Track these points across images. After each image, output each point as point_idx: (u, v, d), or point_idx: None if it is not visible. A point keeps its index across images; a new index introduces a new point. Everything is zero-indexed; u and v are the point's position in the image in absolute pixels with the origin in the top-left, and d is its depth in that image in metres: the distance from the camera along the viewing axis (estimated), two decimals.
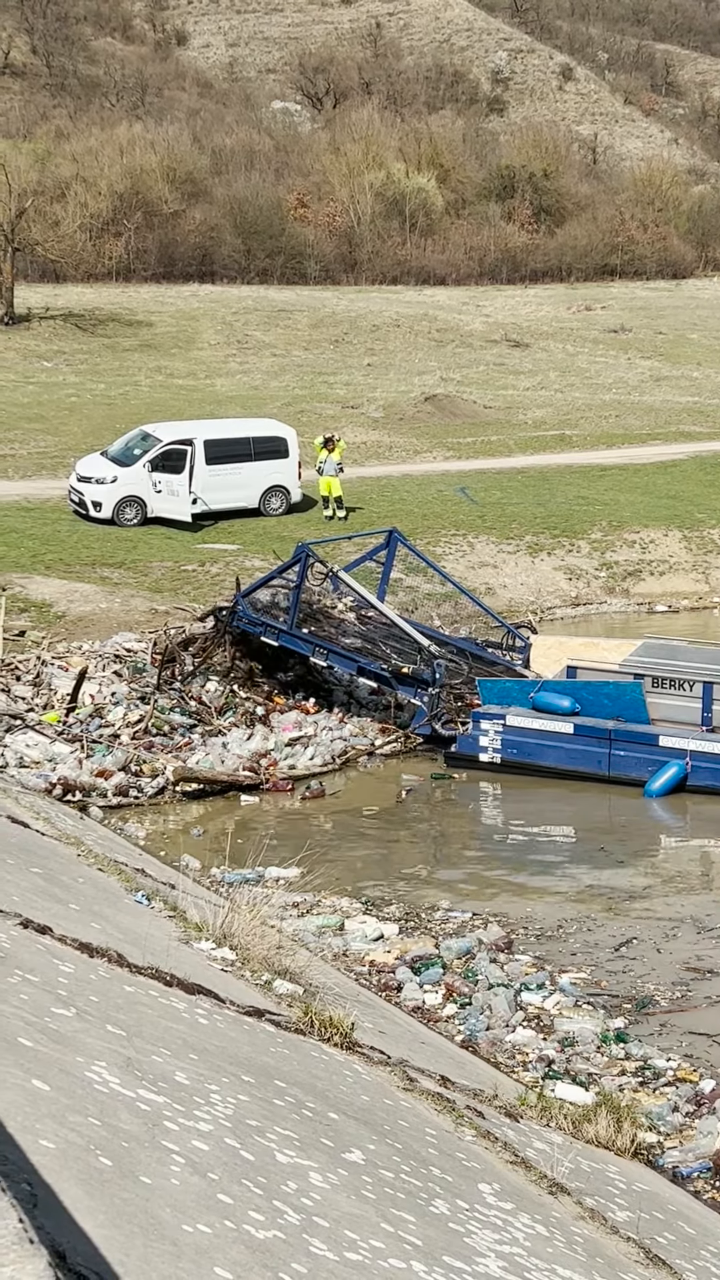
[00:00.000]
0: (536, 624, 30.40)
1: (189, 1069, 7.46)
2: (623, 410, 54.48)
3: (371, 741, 23.42)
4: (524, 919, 16.70)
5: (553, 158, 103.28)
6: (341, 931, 15.48)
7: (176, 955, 10.50)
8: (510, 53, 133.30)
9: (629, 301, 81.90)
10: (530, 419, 52.33)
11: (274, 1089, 7.85)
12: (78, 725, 22.22)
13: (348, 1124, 7.78)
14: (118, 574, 31.08)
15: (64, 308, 65.24)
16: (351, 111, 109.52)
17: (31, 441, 43.84)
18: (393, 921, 15.93)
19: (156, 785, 20.85)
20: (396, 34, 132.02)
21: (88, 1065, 6.62)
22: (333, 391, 54.99)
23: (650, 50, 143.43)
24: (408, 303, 76.28)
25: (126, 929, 11.00)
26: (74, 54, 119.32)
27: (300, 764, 22.21)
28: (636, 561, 37.04)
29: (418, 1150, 7.90)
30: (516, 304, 79.50)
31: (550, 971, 14.91)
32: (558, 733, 21.97)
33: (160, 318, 67.08)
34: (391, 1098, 8.99)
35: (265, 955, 11.36)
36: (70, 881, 12.34)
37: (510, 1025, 13.60)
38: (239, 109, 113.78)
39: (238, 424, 39.10)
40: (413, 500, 38.92)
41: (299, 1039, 9.55)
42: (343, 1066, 9.32)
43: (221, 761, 21.67)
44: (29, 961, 8.30)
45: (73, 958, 9.02)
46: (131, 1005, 8.39)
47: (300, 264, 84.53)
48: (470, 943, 15.38)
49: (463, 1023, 13.60)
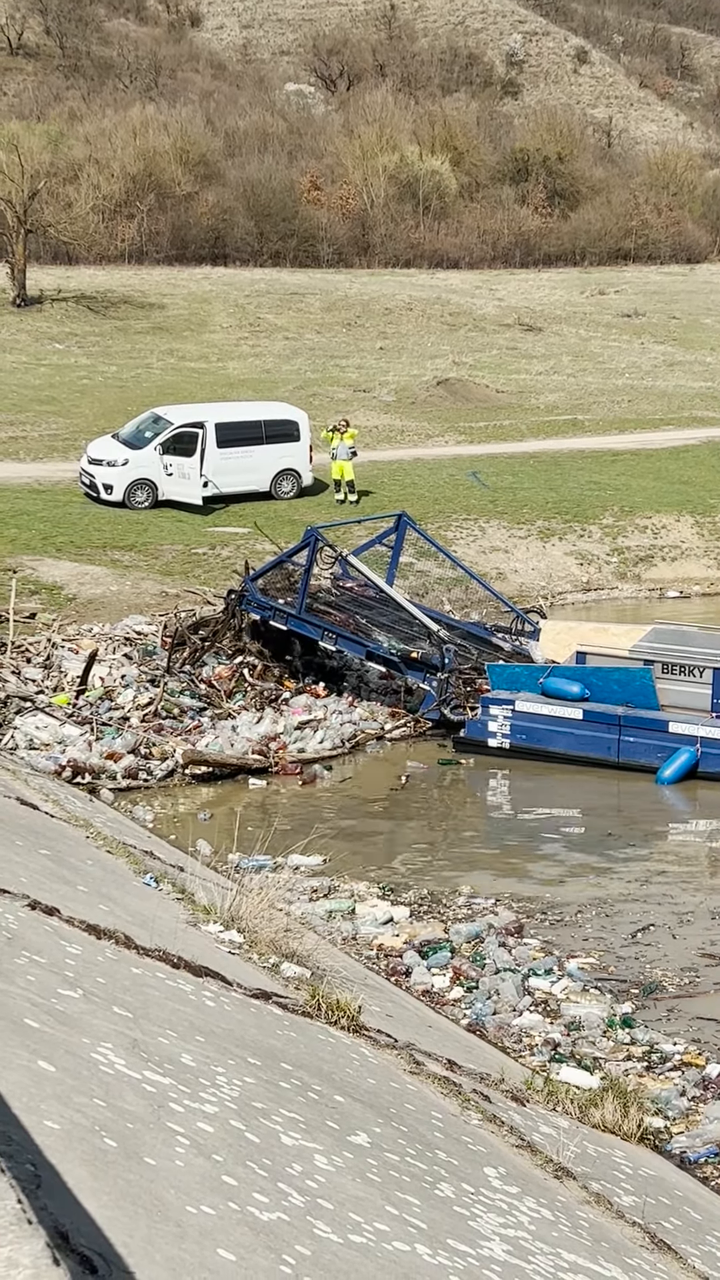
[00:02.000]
0: (547, 609, 30.36)
1: (195, 1051, 7.47)
2: (635, 395, 54.36)
3: (381, 726, 23.42)
4: (533, 904, 16.70)
5: (567, 141, 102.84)
6: (352, 915, 15.50)
7: (184, 937, 10.52)
8: (525, 35, 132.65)
9: (643, 286, 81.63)
10: (543, 403, 52.25)
11: (280, 1071, 7.86)
12: (87, 708, 22.24)
13: (354, 1107, 7.79)
14: (128, 557, 31.09)
15: (76, 290, 65.17)
16: (365, 94, 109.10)
17: (43, 423, 43.85)
18: (403, 905, 15.94)
19: (166, 768, 20.88)
20: (411, 16, 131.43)
21: (94, 1047, 6.63)
22: (345, 375, 54.92)
23: (666, 33, 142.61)
24: (420, 286, 76.08)
25: (135, 911, 11.01)
26: (87, 35, 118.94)
27: (310, 748, 22.22)
28: (648, 547, 36.99)
29: (424, 1134, 7.91)
30: (530, 288, 79.31)
31: (558, 957, 14.91)
32: (567, 718, 21.96)
33: (172, 300, 66.99)
34: (398, 1081, 9.00)
35: (273, 938, 11.37)
36: (78, 863, 12.36)
37: (517, 1010, 13.60)
38: (252, 91, 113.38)
39: (249, 407, 39.07)
40: (424, 484, 38.88)
41: (306, 1022, 9.57)
42: (349, 1049, 9.33)
43: (231, 745, 21.69)
44: (36, 943, 8.31)
45: (80, 939, 9.03)
46: (139, 987, 8.40)
47: (313, 247, 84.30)
48: (480, 927, 15.39)
49: (469, 1007, 13.61)
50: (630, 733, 21.59)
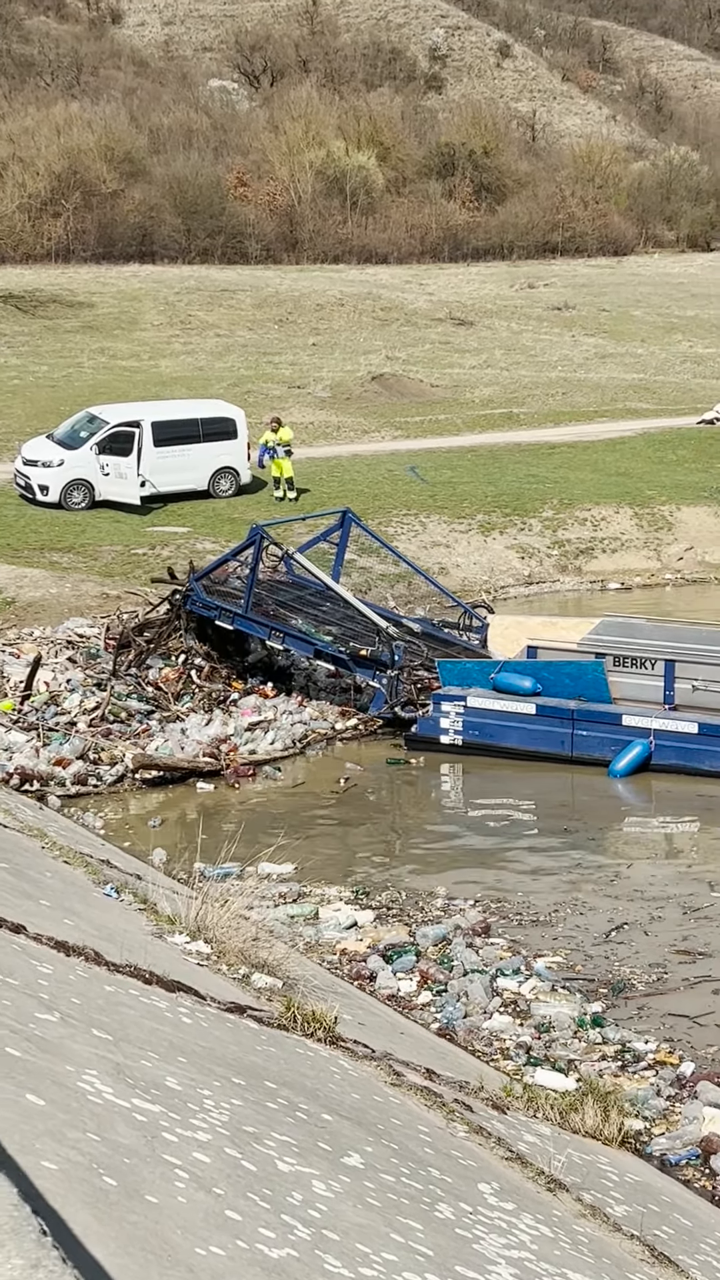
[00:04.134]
0: (491, 603, 30.21)
1: (179, 1073, 7.20)
2: (569, 388, 54.37)
3: (331, 725, 23.15)
4: (498, 903, 16.45)
5: (492, 135, 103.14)
6: (315, 920, 15.21)
7: (152, 951, 10.23)
8: (447, 29, 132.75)
9: (571, 279, 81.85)
10: (477, 397, 52.15)
11: (265, 1090, 7.60)
12: (33, 713, 21.83)
13: (342, 1125, 7.55)
14: (67, 558, 30.66)
15: (3, 289, 64.43)
16: (289, 90, 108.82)
17: None
18: (368, 910, 15.66)
19: (115, 773, 20.51)
20: (333, 11, 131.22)
21: (79, 1074, 6.34)
22: (278, 372, 54.60)
23: (587, 27, 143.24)
24: (350, 281, 75.87)
25: (100, 924, 10.72)
26: (8, 33, 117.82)
27: (261, 749, 21.91)
28: (588, 539, 36.92)
29: (414, 1150, 7.68)
30: (459, 282, 79.31)
31: (525, 956, 14.69)
32: (519, 713, 21.76)
33: (102, 299, 66.40)
34: (381, 1094, 8.77)
35: (241, 948, 11.11)
36: (38, 876, 12.04)
37: (487, 1012, 13.38)
38: (176, 88, 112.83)
39: (186, 405, 38.68)
40: (363, 480, 38.66)
41: (283, 1035, 9.31)
42: (329, 1063, 9.09)
43: (181, 748, 21.35)
44: (7, 963, 8.01)
45: (50, 957, 8.73)
46: (114, 1006, 8.12)
47: (241, 243, 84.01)
48: (447, 929, 15.14)
49: (439, 1010, 13.36)
50: (583, 726, 21.42)
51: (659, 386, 55.38)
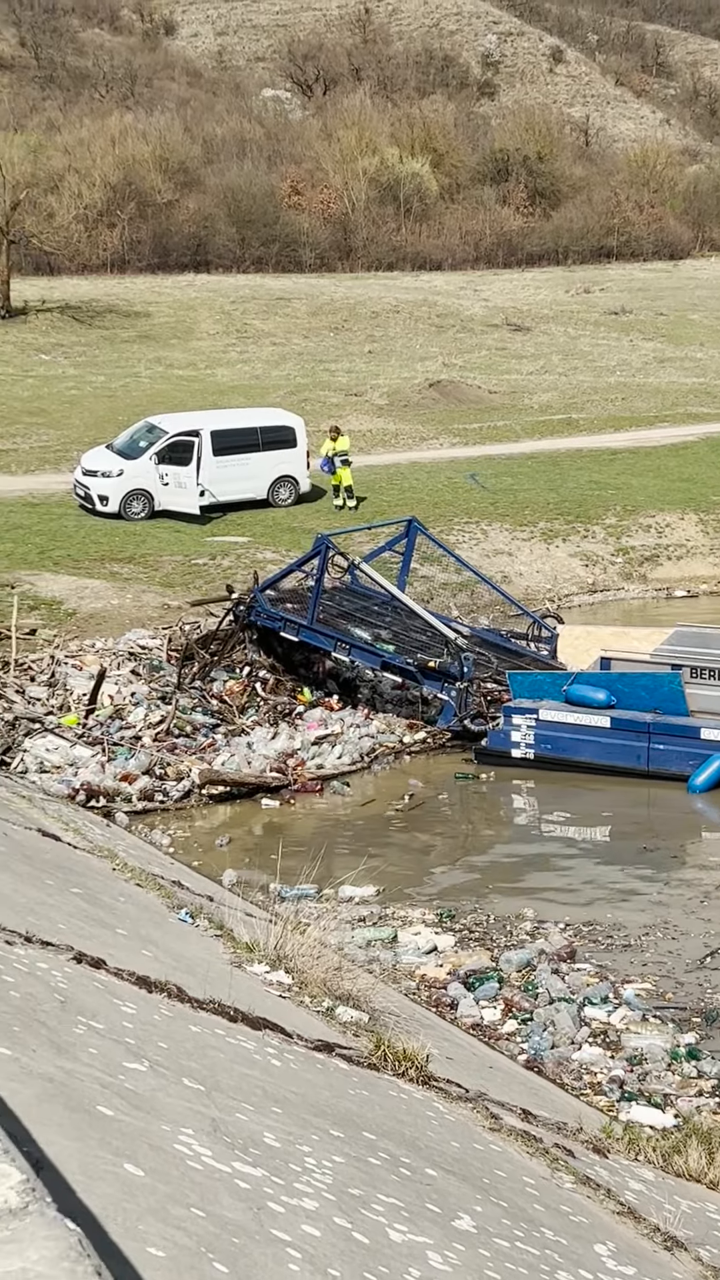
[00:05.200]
0: (558, 612, 29.64)
1: (276, 1126, 6.72)
2: (628, 393, 53.74)
3: (399, 739, 22.65)
4: (582, 926, 15.85)
5: (546, 140, 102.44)
6: (393, 944, 14.69)
7: (233, 983, 9.76)
8: (500, 36, 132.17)
9: (627, 283, 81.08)
10: (536, 403, 51.58)
11: (364, 1143, 7.11)
12: (98, 727, 21.45)
13: (448, 1181, 7.05)
14: (127, 569, 30.33)
15: (60, 300, 64.40)
16: (342, 98, 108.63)
17: (33, 436, 43.08)
18: (448, 933, 15.10)
19: (182, 789, 20.09)
20: (385, 19, 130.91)
21: (175, 1135, 5.87)
22: (335, 379, 54.23)
23: (640, 31, 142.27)
24: (405, 289, 75.42)
25: (178, 954, 10.27)
26: (62, 46, 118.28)
27: (328, 763, 21.44)
28: (653, 546, 36.32)
29: (523, 1208, 7.17)
30: (514, 288, 78.68)
31: (613, 983, 14.10)
32: (594, 727, 21.20)
33: (157, 308, 66.22)
34: (480, 1141, 8.26)
35: (324, 978, 10.62)
36: (111, 901, 11.60)
37: (576, 1043, 12.82)
38: (229, 98, 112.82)
39: (245, 414, 38.29)
40: (423, 488, 38.19)
41: (374, 1076, 8.82)
42: (423, 1106, 8.59)
43: (248, 763, 20.90)
44: (90, 1005, 7.56)
45: (132, 995, 8.28)
46: (202, 1050, 7.65)
47: (295, 251, 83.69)
48: (530, 954, 14.54)
49: (525, 1041, 12.81)
50: (660, 740, 20.82)
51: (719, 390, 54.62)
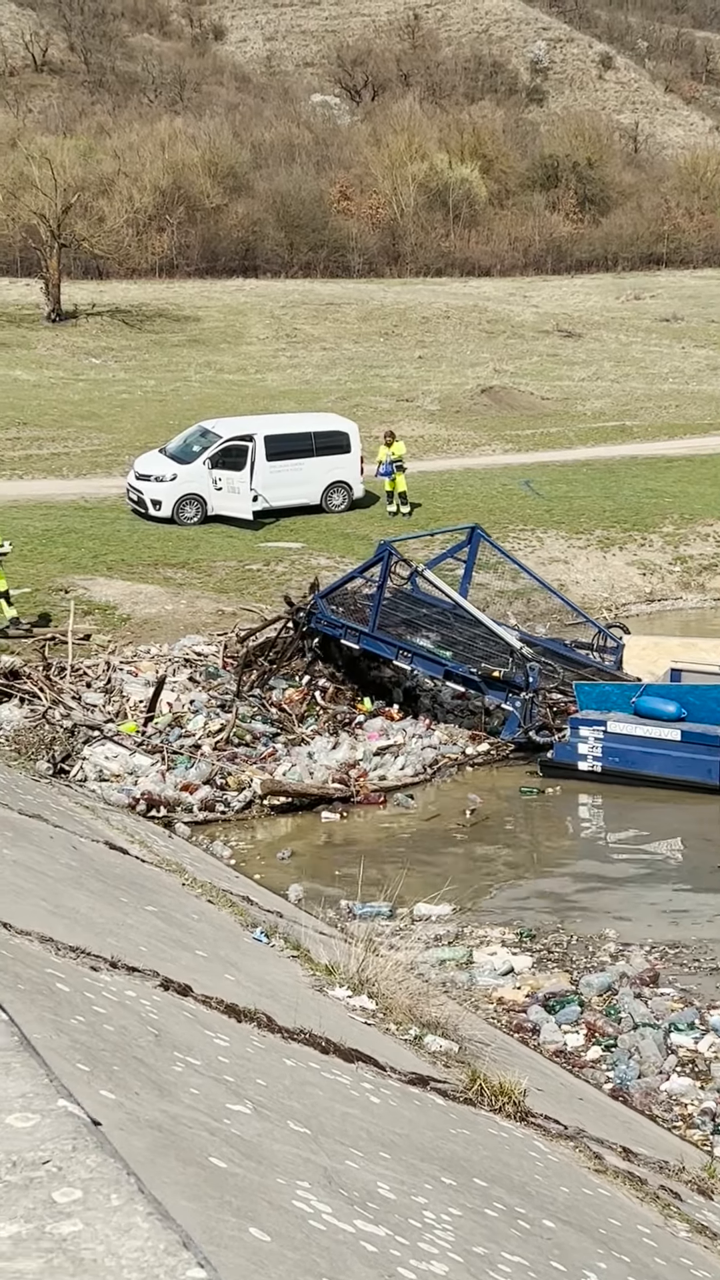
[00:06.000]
0: (612, 621, 29.12)
1: (388, 1175, 6.29)
2: (682, 400, 53.19)
3: (461, 750, 22.20)
4: (664, 948, 15.34)
5: (595, 147, 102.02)
6: (468, 964, 14.24)
7: (319, 1010, 9.35)
8: (549, 42, 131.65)
9: (678, 290, 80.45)
10: (589, 410, 51.09)
11: (478, 1192, 6.68)
12: (157, 735, 21.08)
13: (566, 1234, 6.61)
14: (181, 574, 30.01)
15: (110, 304, 64.30)
16: (391, 104, 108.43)
17: (85, 439, 42.89)
18: (526, 954, 14.62)
19: (243, 799, 19.70)
20: (434, 25, 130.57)
21: (291, 1190, 5.45)
22: (386, 385, 53.89)
23: (690, 38, 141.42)
24: (454, 294, 75.05)
25: (260, 978, 9.86)
26: (112, 50, 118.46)
27: (390, 774, 21.00)
28: (712, 555, 35.78)
29: (645, 1262, 6.73)
30: (564, 294, 78.23)
31: (700, 1009, 13.60)
32: (664, 740, 20.70)
33: (207, 312, 66.07)
34: (588, 1185, 7.82)
35: (409, 1005, 10.20)
36: (186, 919, 11.21)
37: (664, 1072, 12.34)
38: (278, 103, 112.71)
39: (298, 419, 37.94)
40: (477, 495, 37.79)
41: (471, 1112, 8.39)
42: (525, 1145, 8.15)
43: (310, 773, 20.49)
44: (183, 1038, 7.15)
45: (222, 1025, 7.87)
46: (300, 1088, 7.24)
47: (344, 257, 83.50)
48: (612, 977, 14.05)
49: (610, 1069, 12.34)
50: None
51: None
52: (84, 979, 7.55)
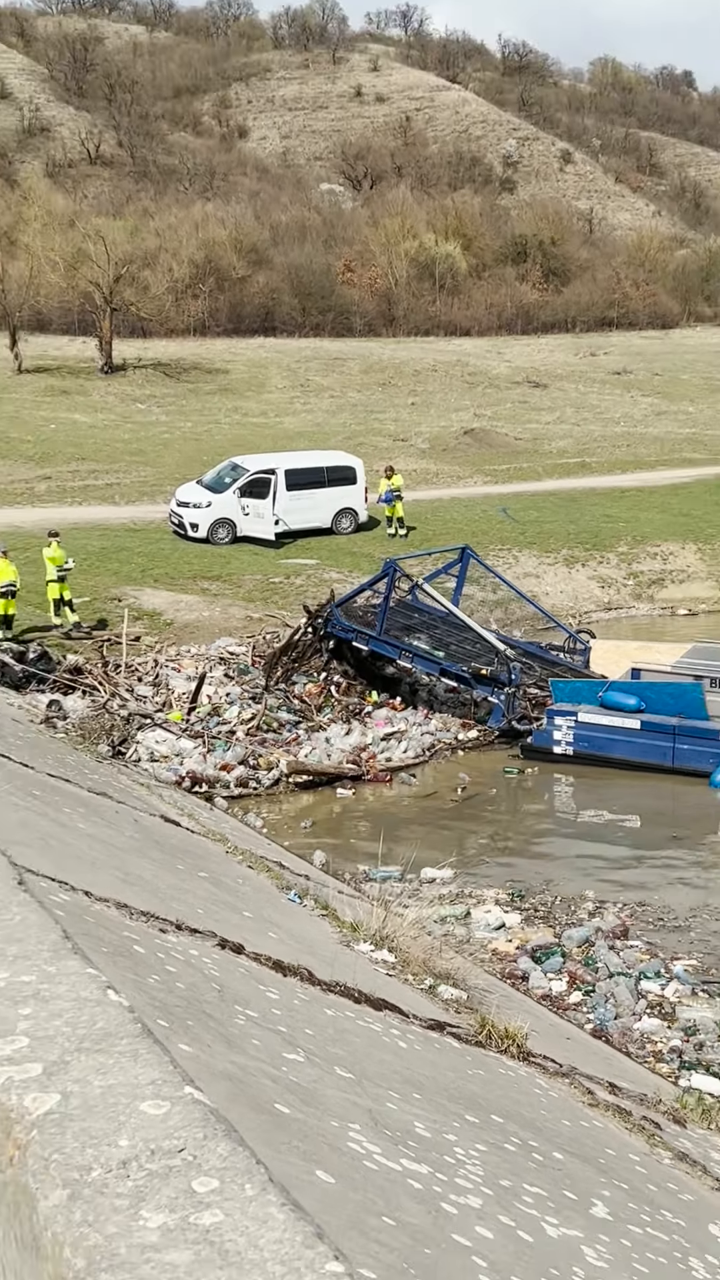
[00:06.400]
0: (590, 628, 28.89)
1: (421, 1115, 6.08)
2: (632, 440, 52.93)
3: (455, 736, 21.98)
4: (633, 907, 15.13)
5: (557, 228, 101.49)
6: (466, 920, 14.02)
7: (348, 964, 9.13)
8: (518, 140, 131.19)
9: (627, 348, 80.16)
10: (554, 448, 50.83)
11: (496, 1128, 6.46)
12: (199, 723, 20.87)
13: (573, 1165, 6.40)
14: (215, 586, 29.81)
15: (153, 358, 63.95)
16: (387, 191, 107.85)
17: (133, 472, 42.60)
18: (515, 911, 14.40)
19: (272, 777, 19.48)
20: (423, 126, 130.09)
21: (344, 1132, 5.23)
22: (384, 427, 53.58)
23: (636, 137, 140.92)
24: (440, 351, 74.70)
25: (298, 935, 9.63)
26: (154, 146, 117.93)
27: (395, 757, 20.80)
28: (659, 571, 35.60)
29: (640, 1188, 6.51)
30: (532, 351, 77.89)
31: (663, 959, 13.39)
32: (626, 728, 20.50)
33: (234, 366, 65.74)
34: (585, 1119, 7.60)
35: (424, 959, 9.98)
36: (232, 884, 10.98)
37: (636, 1014, 12.12)
38: (292, 190, 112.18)
39: (312, 455, 37.77)
40: (462, 519, 37.58)
41: (482, 1054, 8.18)
42: (529, 1084, 7.93)
43: (327, 755, 20.27)
44: (242, 992, 6.93)
45: (271, 980, 7.65)
46: (341, 1036, 7.02)
47: (347, 319, 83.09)
48: (588, 931, 13.85)
49: (591, 1011, 12.13)
50: (684, 741, 20.10)
51: (709, 439, 53.75)
52: (155, 940, 7.33)
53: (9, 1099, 2.60)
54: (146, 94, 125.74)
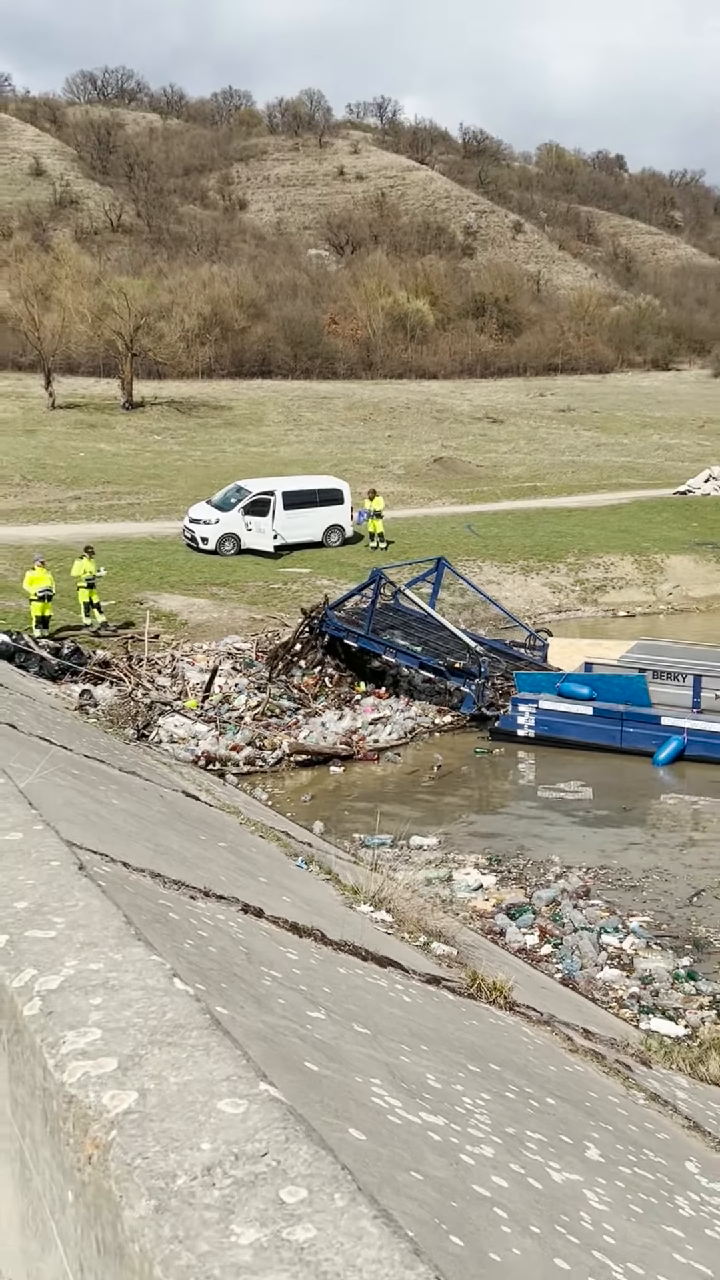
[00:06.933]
0: (548, 627, 28.54)
1: (429, 1066, 5.72)
2: (576, 468, 52.68)
3: (432, 721, 21.60)
4: (595, 870, 14.76)
5: (510, 287, 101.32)
6: (449, 882, 13.66)
7: (353, 924, 8.77)
8: (477, 213, 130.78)
9: (570, 390, 79.97)
10: (510, 474, 50.54)
11: (495, 1077, 6.11)
12: (212, 710, 20.45)
13: (564, 1110, 6.05)
14: (223, 591, 29.39)
15: (167, 397, 63.43)
16: (365, 256, 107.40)
17: (151, 493, 42.13)
18: (491, 874, 14.05)
19: (276, 756, 19.07)
20: (396, 200, 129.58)
21: (368, 1088, 4.86)
22: (365, 456, 53.20)
23: (576, 210, 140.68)
24: (412, 392, 74.37)
25: (308, 899, 9.25)
26: (166, 216, 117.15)
27: (381, 739, 20.40)
28: (601, 579, 35.29)
29: (623, 1129, 6.17)
30: (489, 392, 77.61)
31: (620, 916, 13.05)
32: (580, 714, 20.16)
33: (236, 404, 65.24)
34: (568, 1064, 7.25)
35: (417, 918, 9.61)
36: (248, 852, 10.58)
37: (599, 965, 11.79)
38: (285, 255, 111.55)
39: (306, 479, 37.40)
40: (433, 534, 37.22)
41: (474, 1004, 7.82)
42: (516, 1032, 7.58)
43: (323, 738, 19.87)
44: (265, 953, 6.55)
45: (289, 942, 7.27)
46: (354, 992, 6.65)
47: (332, 364, 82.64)
48: (555, 892, 13.50)
49: (559, 962, 11.78)
50: (631, 725, 19.78)
51: (641, 467, 53.56)
52: (186, 907, 6.95)
53: (86, 1095, 2.20)
54: (161, 172, 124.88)
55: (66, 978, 2.68)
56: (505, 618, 27.38)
